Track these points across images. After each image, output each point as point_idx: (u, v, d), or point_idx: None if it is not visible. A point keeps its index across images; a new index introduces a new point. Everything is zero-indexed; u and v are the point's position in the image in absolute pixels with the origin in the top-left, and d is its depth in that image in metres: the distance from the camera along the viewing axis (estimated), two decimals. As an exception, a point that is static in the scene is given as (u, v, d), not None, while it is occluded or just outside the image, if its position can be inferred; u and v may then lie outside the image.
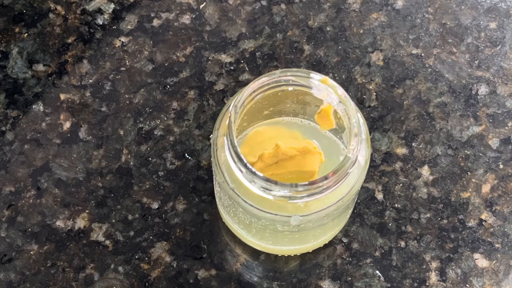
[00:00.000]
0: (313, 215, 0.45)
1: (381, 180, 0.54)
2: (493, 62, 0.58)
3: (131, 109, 0.56)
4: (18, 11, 0.59)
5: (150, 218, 0.53)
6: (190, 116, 0.56)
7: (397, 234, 0.53)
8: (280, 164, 0.48)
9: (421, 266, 0.52)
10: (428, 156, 0.55)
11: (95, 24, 0.59)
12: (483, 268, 0.52)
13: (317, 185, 0.42)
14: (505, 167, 0.55)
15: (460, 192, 0.54)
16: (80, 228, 0.53)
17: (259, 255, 0.52)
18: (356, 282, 0.52)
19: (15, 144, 0.55)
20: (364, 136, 0.45)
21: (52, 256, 0.52)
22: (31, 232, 0.52)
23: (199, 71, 0.57)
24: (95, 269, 0.52)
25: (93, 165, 0.54)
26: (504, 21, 0.60)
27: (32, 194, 0.53)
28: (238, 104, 0.44)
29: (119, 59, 0.58)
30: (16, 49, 0.58)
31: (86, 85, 0.57)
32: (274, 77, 0.45)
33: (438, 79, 0.58)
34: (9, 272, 0.51)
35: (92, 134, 0.55)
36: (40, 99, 0.56)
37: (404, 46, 0.59)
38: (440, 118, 0.56)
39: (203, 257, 0.52)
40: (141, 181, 0.54)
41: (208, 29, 0.59)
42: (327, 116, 0.48)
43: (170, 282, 0.51)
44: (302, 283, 0.52)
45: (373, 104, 0.57)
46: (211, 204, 0.53)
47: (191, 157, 0.55)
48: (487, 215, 0.54)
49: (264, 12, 0.60)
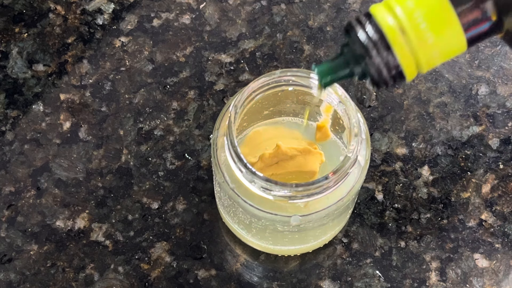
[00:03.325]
0: (313, 215, 0.45)
1: (381, 180, 0.54)
2: (493, 62, 0.58)
3: (131, 109, 0.56)
4: (18, 11, 0.59)
5: (150, 218, 0.53)
6: (190, 116, 0.56)
7: (397, 234, 0.53)
8: (281, 164, 0.48)
9: (421, 266, 0.52)
10: (428, 156, 0.55)
11: (95, 24, 0.59)
12: (483, 268, 0.52)
13: (317, 185, 0.42)
14: (505, 167, 0.55)
15: (460, 192, 0.54)
16: (80, 228, 0.53)
17: (259, 255, 0.52)
18: (356, 282, 0.52)
19: (15, 144, 0.55)
20: (364, 136, 0.45)
21: (52, 256, 0.52)
22: (31, 232, 0.52)
23: (199, 71, 0.57)
24: (95, 269, 0.52)
25: (93, 165, 0.54)
26: (504, 21, 0.60)
27: (32, 194, 0.53)
28: (238, 104, 0.44)
29: (119, 59, 0.58)
30: (16, 49, 0.58)
31: (86, 85, 0.57)
32: (274, 77, 0.45)
33: (438, 79, 0.58)
34: (9, 272, 0.51)
35: (92, 134, 0.55)
36: (40, 99, 0.56)
37: (404, 46, 0.59)
38: (440, 118, 0.56)
39: (203, 257, 0.52)
40: (141, 181, 0.54)
41: (208, 29, 0.59)
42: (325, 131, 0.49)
43: (170, 282, 0.51)
44: (302, 283, 0.52)
45: (373, 104, 0.57)
46: (211, 204, 0.53)
47: (191, 157, 0.55)
48: (487, 215, 0.54)
49: (264, 12, 0.60)
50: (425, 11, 0.35)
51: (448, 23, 0.35)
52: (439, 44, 0.35)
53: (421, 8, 0.35)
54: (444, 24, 0.35)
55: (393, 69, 0.36)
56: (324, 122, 0.49)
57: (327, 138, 0.50)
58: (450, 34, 0.35)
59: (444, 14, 0.35)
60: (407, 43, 0.35)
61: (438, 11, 0.35)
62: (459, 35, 0.35)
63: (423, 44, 0.35)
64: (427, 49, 0.35)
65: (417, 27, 0.35)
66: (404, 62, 0.36)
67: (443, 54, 0.36)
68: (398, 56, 0.36)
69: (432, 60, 0.36)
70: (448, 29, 0.35)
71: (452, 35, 0.35)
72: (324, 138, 0.50)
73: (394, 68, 0.36)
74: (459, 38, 0.35)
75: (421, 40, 0.35)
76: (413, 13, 0.35)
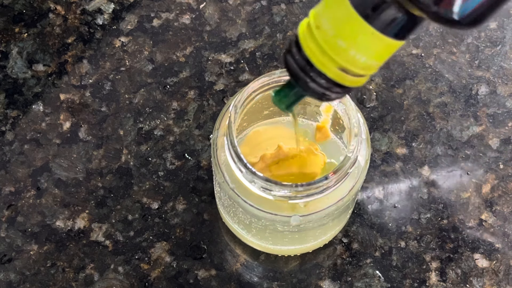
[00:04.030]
0: (313, 215, 0.45)
1: (381, 180, 0.54)
2: (493, 62, 0.58)
3: (131, 109, 0.56)
4: (18, 11, 0.59)
5: (150, 218, 0.53)
6: (190, 116, 0.56)
7: (397, 234, 0.53)
8: (282, 165, 0.48)
9: (421, 266, 0.52)
10: (428, 156, 0.55)
11: (95, 24, 0.59)
12: (483, 268, 0.52)
13: (317, 185, 0.42)
14: (505, 167, 0.55)
15: (460, 192, 0.54)
16: (80, 228, 0.53)
17: (259, 255, 0.52)
18: (356, 282, 0.52)
19: (15, 144, 0.55)
20: (364, 136, 0.45)
21: (52, 256, 0.52)
22: (31, 232, 0.52)
23: (199, 71, 0.57)
24: (95, 269, 0.52)
25: (93, 165, 0.54)
26: (504, 21, 0.60)
27: (32, 194, 0.53)
28: (238, 104, 0.44)
29: (119, 59, 0.58)
30: (16, 49, 0.58)
31: (86, 85, 0.57)
32: (274, 77, 0.45)
33: (438, 79, 0.58)
34: (9, 272, 0.51)
35: (92, 134, 0.55)
36: (40, 99, 0.56)
37: (404, 46, 0.59)
38: (440, 118, 0.56)
39: (203, 257, 0.52)
40: (141, 181, 0.54)
41: (208, 29, 0.59)
42: (325, 131, 0.49)
43: (170, 282, 0.51)
44: (302, 283, 0.52)
45: (373, 104, 0.57)
46: (211, 204, 0.53)
47: (191, 157, 0.55)
48: (487, 215, 0.54)
49: (264, 12, 0.60)
50: (330, 18, 0.34)
51: (356, 28, 0.34)
52: (355, 45, 0.34)
53: (327, 18, 0.34)
54: (353, 29, 0.34)
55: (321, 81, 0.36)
56: (324, 122, 0.49)
57: (327, 138, 0.50)
58: (364, 37, 0.34)
59: (351, 20, 0.34)
60: (319, 48, 0.35)
61: (343, 17, 0.34)
62: (375, 35, 0.34)
63: (336, 49, 0.34)
64: (344, 54, 0.35)
65: (326, 35, 0.34)
66: (325, 69, 0.35)
67: (372, 52, 0.35)
68: (316, 64, 0.35)
69: (360, 62, 0.35)
70: (359, 33, 0.34)
71: (366, 37, 0.34)
72: (324, 138, 0.50)
73: (324, 80, 0.36)
74: (376, 37, 0.34)
75: (332, 46, 0.34)
76: (320, 23, 0.34)
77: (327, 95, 0.37)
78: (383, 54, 0.35)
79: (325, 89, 0.36)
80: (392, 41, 0.34)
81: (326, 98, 0.37)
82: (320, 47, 0.35)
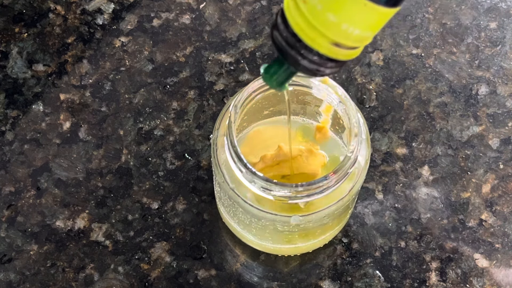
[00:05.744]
0: (313, 215, 0.45)
1: (381, 180, 0.54)
2: (493, 62, 0.58)
3: (131, 109, 0.56)
4: (18, 11, 0.59)
5: (150, 218, 0.53)
6: (190, 116, 0.56)
7: (397, 234, 0.53)
8: (282, 165, 0.48)
9: (421, 266, 0.52)
10: (428, 156, 0.55)
11: (95, 24, 0.59)
12: (483, 268, 0.52)
13: (317, 185, 0.42)
14: (505, 167, 0.55)
15: (460, 192, 0.54)
16: (80, 228, 0.53)
17: (259, 255, 0.52)
18: (356, 282, 0.52)
19: (15, 144, 0.55)
20: (364, 136, 0.45)
21: (52, 256, 0.52)
22: (31, 232, 0.52)
23: (199, 71, 0.57)
24: (95, 269, 0.51)
25: (93, 165, 0.54)
26: (504, 21, 0.60)
27: (32, 194, 0.53)
28: (238, 104, 0.44)
29: (119, 59, 0.58)
30: (16, 49, 0.58)
31: (86, 85, 0.57)
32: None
33: (438, 79, 0.58)
34: (9, 272, 0.51)
35: (92, 134, 0.55)
36: (40, 99, 0.56)
37: (404, 46, 0.59)
38: (440, 118, 0.56)
39: (203, 257, 0.52)
40: (141, 181, 0.54)
41: (208, 29, 0.59)
42: (325, 131, 0.49)
43: (170, 282, 0.51)
44: (302, 283, 0.52)
45: (373, 104, 0.57)
46: (211, 204, 0.53)
47: (191, 157, 0.55)
48: (487, 215, 0.54)
49: (264, 12, 0.60)
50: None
51: (347, 0, 0.32)
52: (347, 18, 0.33)
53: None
54: (343, 1, 0.32)
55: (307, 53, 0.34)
56: (324, 122, 0.49)
57: (327, 139, 0.50)
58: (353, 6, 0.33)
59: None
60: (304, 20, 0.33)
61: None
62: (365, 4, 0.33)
63: (327, 24, 0.33)
64: (335, 28, 0.33)
65: (314, 9, 0.33)
66: (310, 40, 0.34)
67: (366, 24, 0.33)
68: (301, 36, 0.34)
69: (353, 35, 0.33)
70: (350, 5, 0.32)
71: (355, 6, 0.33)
72: (324, 138, 0.50)
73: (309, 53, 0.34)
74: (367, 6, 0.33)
75: (322, 21, 0.33)
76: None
77: (321, 71, 0.35)
78: (377, 24, 0.34)
79: (318, 65, 0.35)
80: (386, 9, 0.33)
81: (320, 74, 0.36)
82: (309, 23, 0.33)
